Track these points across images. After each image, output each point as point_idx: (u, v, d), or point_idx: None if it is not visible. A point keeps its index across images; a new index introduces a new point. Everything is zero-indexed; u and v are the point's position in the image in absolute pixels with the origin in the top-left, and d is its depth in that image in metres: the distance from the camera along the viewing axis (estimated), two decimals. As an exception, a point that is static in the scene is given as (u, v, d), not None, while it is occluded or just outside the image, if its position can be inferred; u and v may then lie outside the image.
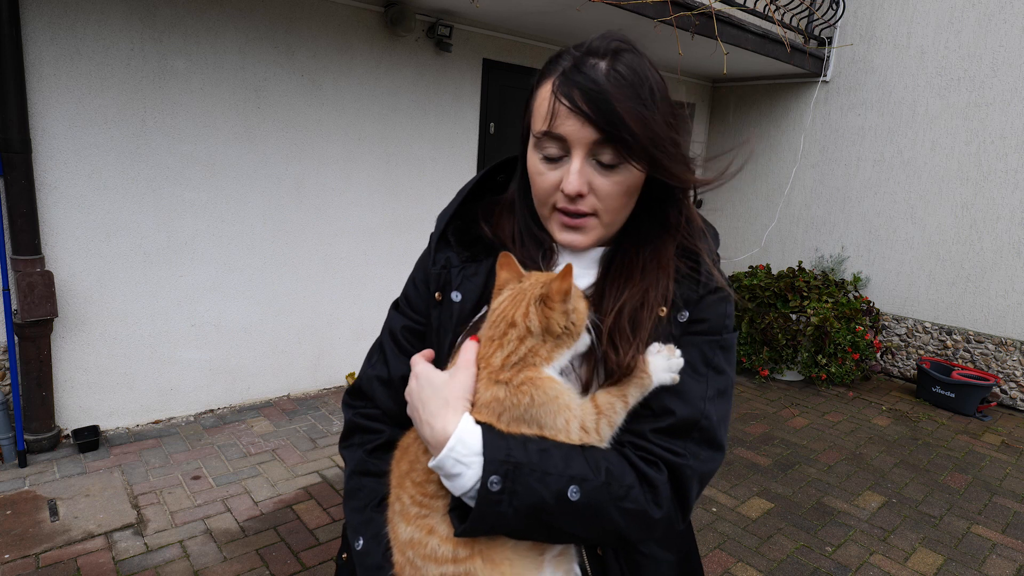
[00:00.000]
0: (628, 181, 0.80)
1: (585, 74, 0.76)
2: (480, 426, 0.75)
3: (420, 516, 0.77)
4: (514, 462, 0.72)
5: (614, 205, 0.82)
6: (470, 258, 0.92)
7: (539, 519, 0.73)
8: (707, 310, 0.84)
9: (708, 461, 0.81)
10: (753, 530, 2.89)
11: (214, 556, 2.46)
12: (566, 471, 0.73)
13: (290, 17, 3.57)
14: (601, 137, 0.76)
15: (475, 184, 0.97)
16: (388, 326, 1.00)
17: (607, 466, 0.75)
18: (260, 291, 3.79)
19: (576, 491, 0.72)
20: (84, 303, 3.18)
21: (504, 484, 0.71)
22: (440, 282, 0.92)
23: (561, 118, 0.77)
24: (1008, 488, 3.45)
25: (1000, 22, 4.53)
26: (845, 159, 5.43)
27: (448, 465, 0.73)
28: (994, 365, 4.72)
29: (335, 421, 3.73)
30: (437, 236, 0.95)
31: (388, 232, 4.29)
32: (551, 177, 0.82)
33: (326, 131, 3.85)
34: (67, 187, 3.04)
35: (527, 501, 0.72)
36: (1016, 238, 4.57)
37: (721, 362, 0.84)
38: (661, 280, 0.83)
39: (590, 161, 0.79)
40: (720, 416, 0.83)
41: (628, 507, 0.75)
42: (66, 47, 2.93)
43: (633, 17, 3.75)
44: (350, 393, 1.01)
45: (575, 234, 0.84)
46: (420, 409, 0.78)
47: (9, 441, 3.01)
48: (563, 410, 0.75)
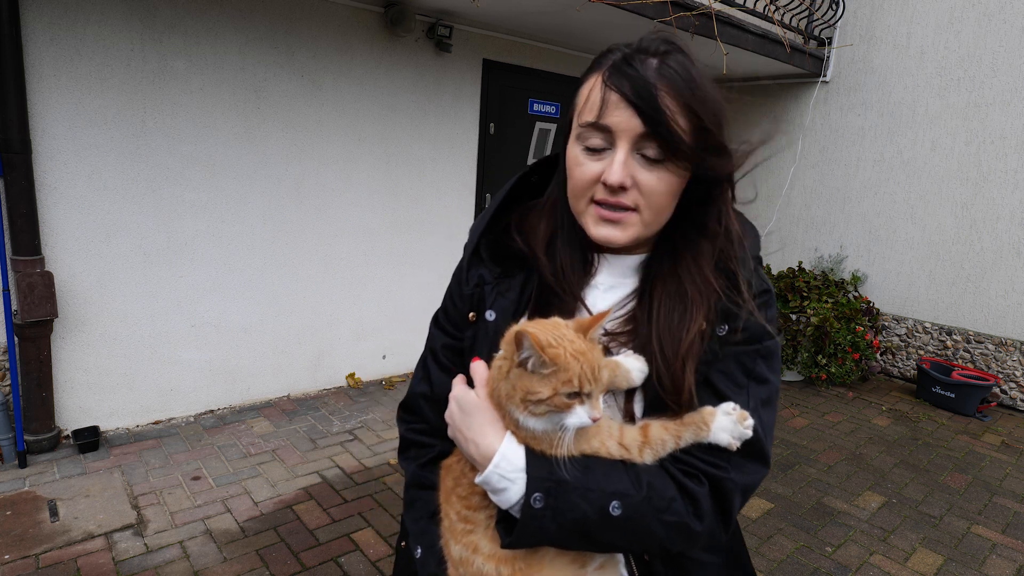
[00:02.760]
0: (671, 179, 0.79)
1: (635, 68, 0.76)
2: (524, 446, 0.76)
3: (465, 532, 0.80)
4: (556, 479, 0.73)
5: (656, 203, 0.80)
6: (502, 274, 0.91)
7: (581, 533, 0.74)
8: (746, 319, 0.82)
9: (752, 474, 0.80)
10: (753, 530, 2.89)
11: (214, 556, 2.46)
12: (608, 487, 0.74)
13: (290, 18, 3.57)
14: (647, 130, 0.76)
15: (508, 192, 0.96)
16: (429, 344, 1.00)
17: (649, 480, 0.76)
18: (260, 291, 3.79)
19: (618, 506, 0.73)
20: (84, 303, 3.18)
21: (547, 501, 0.73)
22: (474, 301, 0.92)
23: (609, 109, 0.77)
24: (1008, 488, 3.45)
25: (1000, 22, 4.53)
26: (845, 159, 5.43)
27: (494, 480, 0.75)
28: (994, 365, 4.72)
29: (335, 421, 3.73)
30: (470, 252, 0.94)
31: (388, 232, 4.29)
32: (591, 168, 0.80)
33: (326, 131, 3.85)
34: (67, 188, 3.04)
35: (569, 517, 0.73)
36: (1016, 238, 4.57)
37: (763, 371, 0.82)
38: (703, 293, 0.82)
39: (634, 155, 0.78)
40: (765, 427, 0.81)
41: (669, 520, 0.75)
42: (66, 48, 2.93)
43: (633, 17, 3.74)
44: (402, 407, 1.03)
45: (612, 228, 0.81)
46: (464, 430, 0.80)
47: (9, 442, 3.01)
48: (594, 435, 0.76)
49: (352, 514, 2.81)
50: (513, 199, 0.97)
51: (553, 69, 4.89)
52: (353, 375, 4.31)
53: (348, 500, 2.92)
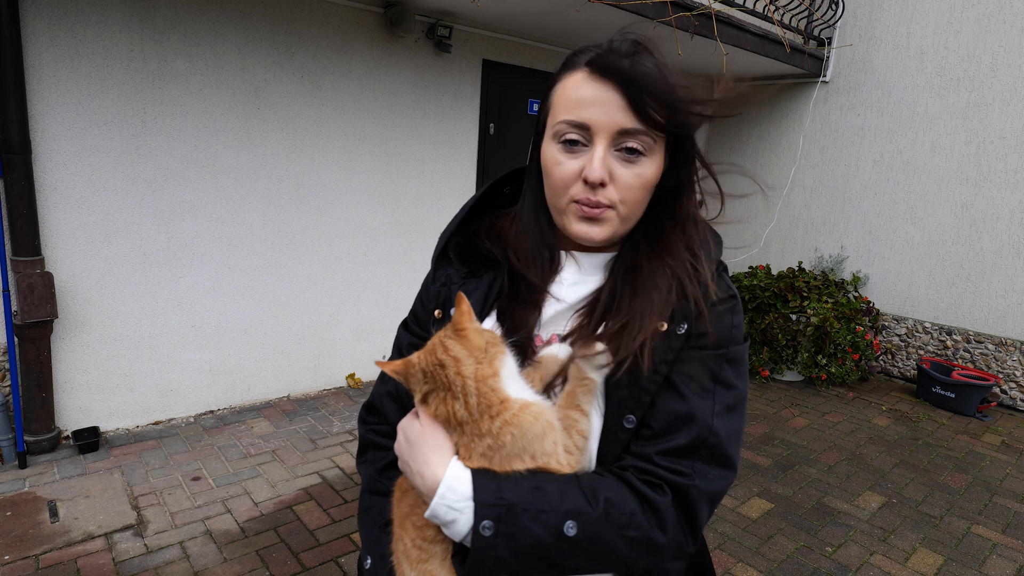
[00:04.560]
0: (647, 174, 0.81)
1: (611, 63, 0.77)
2: (471, 470, 0.73)
3: (421, 560, 0.77)
4: (506, 503, 0.70)
5: (633, 197, 0.81)
6: (469, 274, 0.92)
7: (539, 558, 0.72)
8: (711, 323, 0.81)
9: (717, 480, 0.78)
10: (753, 530, 2.89)
11: (214, 557, 2.46)
12: (561, 506, 0.71)
13: (290, 18, 3.57)
14: (627, 126, 0.77)
15: (478, 199, 0.97)
16: (396, 343, 1.01)
17: (606, 495, 0.73)
18: (260, 292, 3.79)
19: (573, 526, 0.71)
20: (84, 304, 3.18)
21: (498, 527, 0.70)
22: (440, 299, 0.93)
23: (586, 105, 0.78)
24: (1008, 488, 3.45)
25: (999, 22, 4.53)
26: (845, 159, 5.43)
27: (442, 513, 0.72)
28: (994, 365, 4.72)
29: (335, 422, 3.73)
30: (437, 253, 0.96)
31: (388, 233, 4.29)
32: (570, 167, 0.81)
33: (326, 132, 3.85)
34: (67, 188, 3.04)
35: (523, 542, 0.70)
36: (1016, 238, 4.57)
37: (730, 376, 0.81)
38: (665, 293, 0.82)
39: (611, 152, 0.79)
40: (730, 432, 0.79)
41: (632, 535, 0.73)
42: (66, 48, 2.93)
43: (633, 17, 3.75)
44: (365, 408, 1.02)
45: (592, 225, 0.82)
46: (410, 461, 0.77)
47: (9, 442, 3.00)
48: (548, 432, 0.74)
49: (352, 514, 2.81)
50: (484, 207, 0.98)
51: (553, 69, 4.85)
52: (353, 375, 4.31)
53: (348, 500, 2.92)
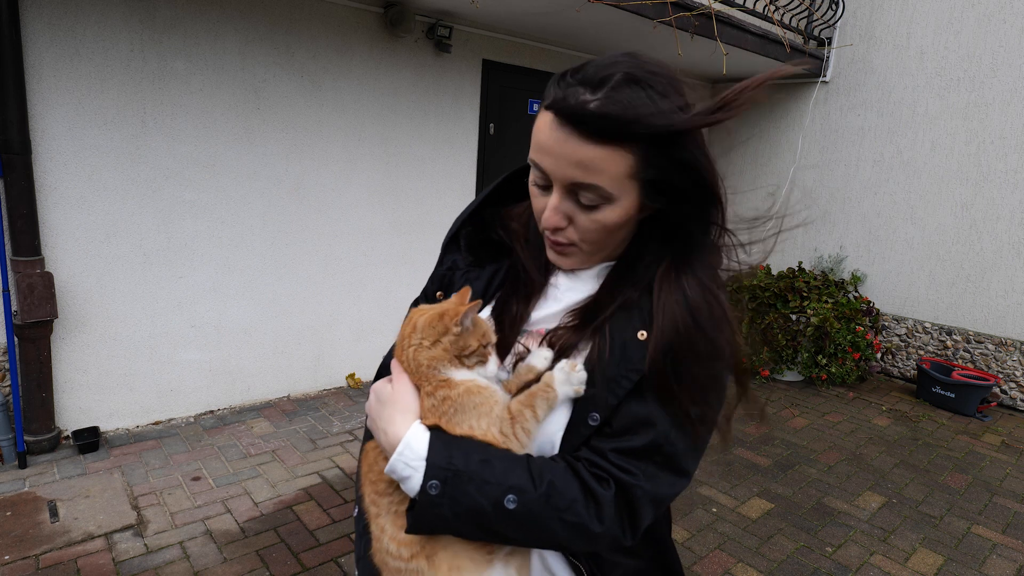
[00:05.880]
0: (608, 219, 0.79)
1: (570, 109, 0.72)
2: (430, 432, 0.78)
3: (375, 515, 0.84)
4: (454, 469, 0.75)
5: (593, 238, 0.82)
6: (474, 263, 0.96)
7: (477, 524, 0.76)
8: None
9: (665, 485, 0.79)
10: (753, 530, 2.89)
11: (214, 557, 2.46)
12: (505, 481, 0.75)
13: (290, 18, 3.57)
14: (577, 179, 0.75)
15: (496, 188, 0.99)
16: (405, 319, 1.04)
17: (551, 479, 0.76)
18: (260, 292, 3.79)
19: (513, 500, 0.75)
20: (84, 304, 3.18)
21: (443, 489, 0.74)
22: (443, 282, 0.97)
23: (544, 151, 0.77)
24: (1008, 488, 3.45)
25: (999, 22, 4.53)
26: (844, 159, 5.43)
27: (399, 468, 0.77)
28: (994, 365, 4.72)
29: (335, 422, 3.72)
30: (449, 238, 0.99)
31: (388, 233, 4.29)
32: (540, 202, 0.83)
33: (326, 132, 3.85)
34: (67, 188, 3.04)
35: (465, 507, 0.75)
36: (1016, 238, 4.57)
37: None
38: (646, 304, 0.81)
39: (568, 197, 0.79)
40: (688, 444, 0.80)
41: (568, 519, 0.76)
42: (66, 48, 2.93)
43: (632, 18, 3.75)
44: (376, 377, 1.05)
45: (560, 256, 0.87)
46: (377, 419, 0.83)
47: (9, 442, 3.00)
48: (484, 416, 0.80)
49: (352, 515, 2.80)
50: (499, 197, 1.00)
51: (553, 69, 4.89)
52: (353, 375, 4.31)
53: (348, 500, 2.92)
